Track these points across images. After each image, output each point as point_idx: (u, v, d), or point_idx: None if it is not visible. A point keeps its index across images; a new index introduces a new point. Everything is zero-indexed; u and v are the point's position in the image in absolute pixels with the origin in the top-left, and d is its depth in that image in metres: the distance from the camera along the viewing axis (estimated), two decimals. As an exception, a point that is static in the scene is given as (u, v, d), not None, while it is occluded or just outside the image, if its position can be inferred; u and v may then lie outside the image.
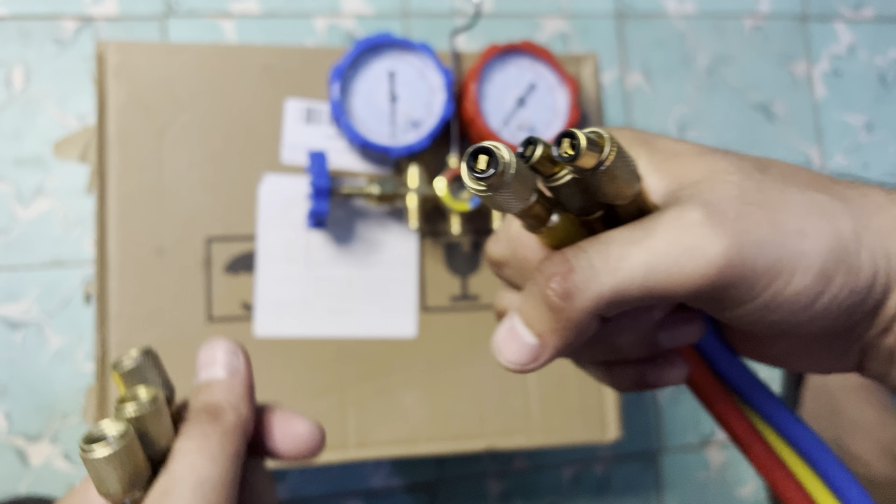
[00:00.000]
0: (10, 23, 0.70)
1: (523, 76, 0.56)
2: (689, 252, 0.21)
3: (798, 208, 0.22)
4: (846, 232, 0.22)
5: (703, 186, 0.22)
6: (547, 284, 0.22)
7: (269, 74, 0.55)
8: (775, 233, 0.21)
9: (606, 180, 0.21)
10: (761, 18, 0.85)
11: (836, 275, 0.22)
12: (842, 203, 0.23)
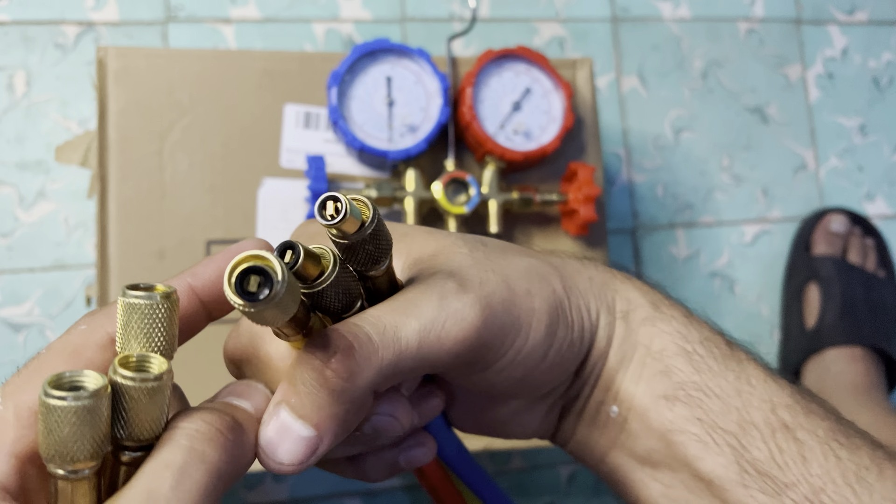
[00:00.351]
0: (12, 28, 0.71)
1: (519, 81, 0.56)
2: (452, 317, 0.23)
3: (522, 272, 0.25)
4: (559, 290, 0.26)
5: (440, 259, 0.25)
6: (327, 366, 0.21)
7: (269, 79, 0.56)
8: (511, 294, 0.24)
9: (371, 243, 0.21)
10: (755, 22, 0.86)
11: (558, 328, 0.25)
12: (551, 267, 0.27)
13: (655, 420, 0.27)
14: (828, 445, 0.25)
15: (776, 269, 0.82)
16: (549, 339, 0.25)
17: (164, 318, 0.20)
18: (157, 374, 0.19)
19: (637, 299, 0.28)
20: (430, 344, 0.23)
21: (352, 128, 0.54)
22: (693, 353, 0.27)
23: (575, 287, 0.27)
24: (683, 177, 0.82)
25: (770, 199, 0.83)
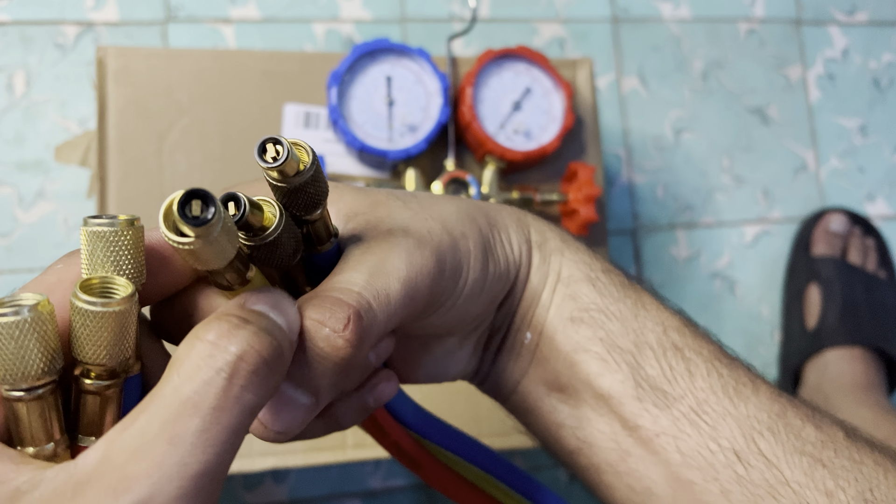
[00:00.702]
0: (11, 28, 0.71)
1: (519, 80, 0.56)
2: (419, 273, 0.24)
3: (455, 217, 0.27)
4: (485, 229, 0.28)
5: (381, 211, 0.26)
6: (338, 335, 0.21)
7: (268, 79, 0.56)
8: (452, 239, 0.26)
9: (312, 185, 0.21)
10: (756, 22, 0.86)
11: (489, 263, 0.27)
12: (475, 208, 0.29)
13: (562, 341, 0.29)
14: (711, 364, 0.28)
15: (777, 270, 0.82)
16: (483, 273, 0.27)
17: (129, 244, 0.19)
18: (119, 298, 0.18)
19: (547, 232, 0.31)
20: (410, 300, 0.24)
21: (352, 127, 0.53)
22: (597, 279, 0.29)
23: (497, 224, 0.29)
24: (684, 177, 0.81)
25: (770, 200, 0.83)
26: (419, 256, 0.24)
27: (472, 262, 0.27)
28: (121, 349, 0.19)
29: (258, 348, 0.18)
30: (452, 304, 0.27)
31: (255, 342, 0.18)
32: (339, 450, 0.54)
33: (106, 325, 0.18)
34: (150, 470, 0.16)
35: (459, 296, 0.27)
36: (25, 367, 0.18)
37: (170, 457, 0.16)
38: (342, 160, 0.56)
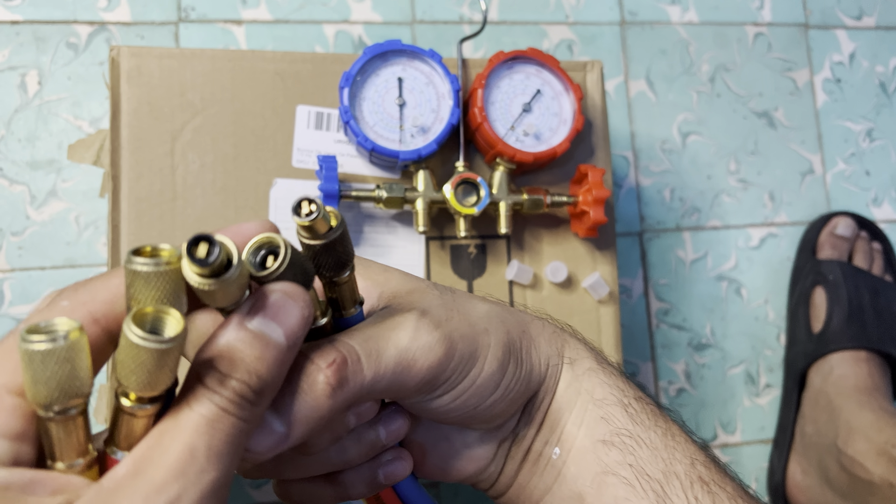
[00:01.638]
0: (24, 27, 0.72)
1: (529, 83, 0.57)
2: (422, 349, 0.26)
3: (482, 315, 0.29)
4: (513, 332, 0.30)
5: (415, 296, 0.28)
6: (321, 372, 0.24)
7: (281, 80, 0.56)
8: (471, 330, 0.28)
9: (340, 244, 0.23)
10: (763, 26, 0.86)
11: (509, 364, 0.29)
12: (508, 313, 0.31)
13: (592, 462, 0.30)
14: (734, 501, 0.29)
15: (783, 273, 0.82)
16: (500, 371, 0.29)
17: (177, 283, 0.20)
18: (173, 335, 0.19)
19: (582, 351, 0.32)
20: (402, 369, 0.26)
21: (363, 128, 0.54)
22: (629, 405, 0.31)
23: (528, 332, 0.31)
24: (691, 180, 0.82)
25: (777, 204, 0.83)
26: (426, 334, 0.26)
27: (489, 357, 0.28)
28: (165, 380, 0.20)
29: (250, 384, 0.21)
30: (464, 391, 0.28)
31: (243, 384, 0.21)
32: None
33: (156, 359, 0.19)
34: (176, 477, 0.19)
35: (472, 384, 0.28)
36: (58, 391, 0.19)
37: (191, 467, 0.19)
38: (353, 161, 0.56)
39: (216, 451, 0.20)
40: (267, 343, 0.21)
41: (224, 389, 0.20)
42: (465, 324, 0.28)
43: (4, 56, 0.71)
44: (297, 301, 0.22)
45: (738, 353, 0.80)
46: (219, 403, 0.20)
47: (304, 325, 0.22)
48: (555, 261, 0.58)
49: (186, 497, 0.19)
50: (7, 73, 0.71)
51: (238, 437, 0.21)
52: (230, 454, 0.20)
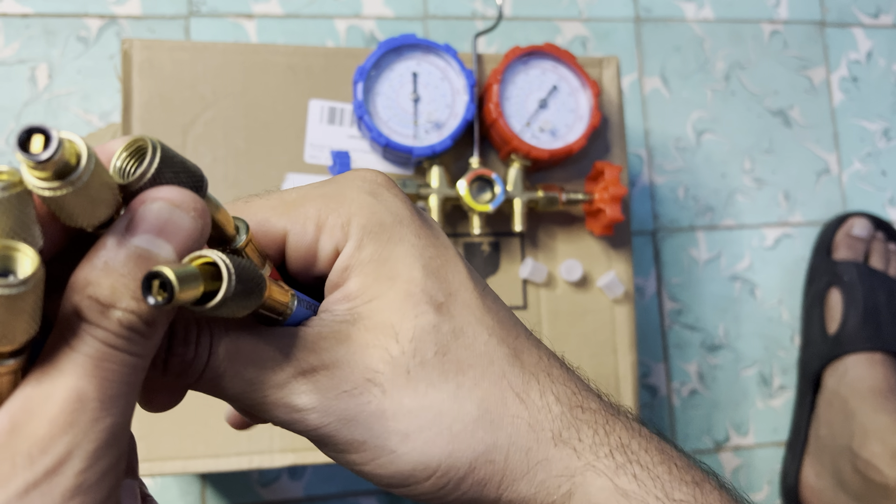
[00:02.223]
0: (34, 20, 0.71)
1: (545, 78, 0.56)
2: (283, 394, 0.22)
3: (424, 412, 0.22)
4: (462, 459, 0.23)
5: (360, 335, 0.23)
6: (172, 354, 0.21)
7: (293, 74, 0.56)
8: (376, 422, 0.22)
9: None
10: (779, 24, 0.85)
11: (421, 482, 0.23)
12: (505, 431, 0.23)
13: None
14: None
15: (797, 274, 0.81)
16: (400, 480, 0.23)
17: (22, 206, 0.16)
18: (23, 278, 0.15)
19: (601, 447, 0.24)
20: (249, 402, 0.22)
21: (377, 124, 0.53)
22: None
23: (494, 462, 0.23)
24: (705, 179, 0.81)
25: (792, 203, 0.82)
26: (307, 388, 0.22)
27: (385, 459, 0.23)
28: (25, 329, 0.16)
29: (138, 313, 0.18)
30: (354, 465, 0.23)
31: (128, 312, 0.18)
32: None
33: (8, 306, 0.15)
34: (64, 429, 0.16)
35: (360, 465, 0.23)
36: None
37: (82, 416, 0.16)
38: (366, 156, 0.56)
39: (109, 393, 0.17)
40: (154, 263, 0.18)
41: (108, 322, 0.17)
42: (374, 414, 0.22)
43: (14, 49, 0.70)
44: (185, 209, 0.18)
45: (752, 354, 0.79)
46: (104, 339, 0.17)
47: (198, 236, 0.18)
48: (569, 259, 0.57)
49: (80, 451, 0.16)
50: (17, 67, 0.70)
51: (133, 376, 0.18)
52: (126, 395, 0.17)
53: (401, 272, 0.23)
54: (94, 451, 0.16)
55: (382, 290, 0.23)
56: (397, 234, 0.24)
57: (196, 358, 0.21)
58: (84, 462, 0.16)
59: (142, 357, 0.18)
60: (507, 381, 0.24)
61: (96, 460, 0.17)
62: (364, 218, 0.24)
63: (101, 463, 0.17)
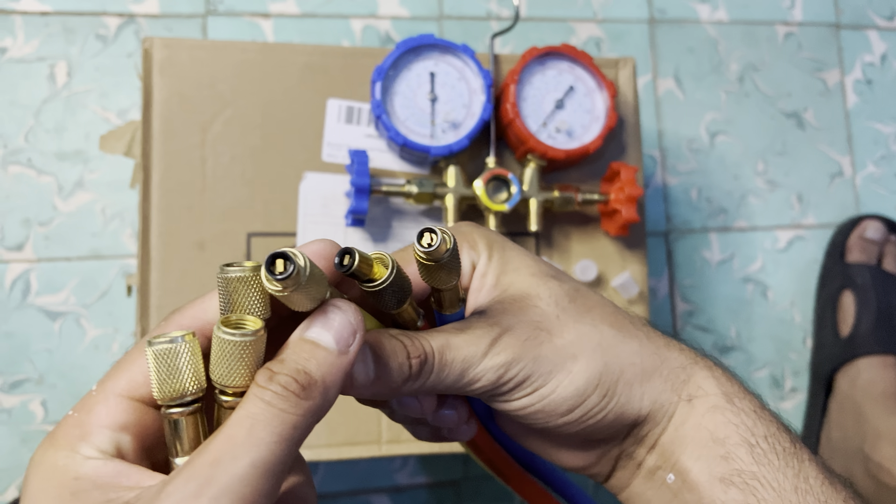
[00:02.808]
0: (54, 18, 0.72)
1: (562, 79, 0.56)
2: (486, 369, 0.28)
3: (580, 336, 0.30)
4: (613, 365, 0.30)
5: (514, 306, 0.30)
6: (407, 359, 0.27)
7: (311, 73, 0.56)
8: (553, 353, 0.29)
9: (444, 269, 0.27)
10: (794, 26, 0.85)
11: (591, 394, 0.29)
12: (623, 341, 0.30)
13: (708, 497, 0.29)
14: None
15: (810, 276, 0.81)
16: (576, 398, 0.29)
17: (260, 288, 0.24)
18: (253, 330, 0.23)
19: (711, 388, 0.31)
20: (463, 384, 0.29)
21: (395, 123, 0.53)
22: (756, 445, 0.29)
23: (637, 365, 0.30)
24: (718, 181, 0.81)
25: (805, 206, 0.82)
26: (494, 357, 0.28)
27: (564, 382, 0.29)
28: (249, 375, 0.23)
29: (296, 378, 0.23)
30: (528, 406, 0.29)
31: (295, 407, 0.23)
32: (373, 445, 0.54)
33: (242, 351, 0.23)
34: (211, 464, 0.21)
35: (539, 401, 0.29)
36: (181, 385, 0.23)
37: (225, 454, 0.21)
38: (383, 156, 0.56)
39: (254, 438, 0.21)
40: (315, 346, 0.24)
41: (271, 384, 0.22)
42: (550, 347, 0.29)
43: (34, 47, 0.71)
44: (346, 312, 0.24)
45: (763, 356, 0.79)
46: (262, 397, 0.22)
47: (350, 331, 0.24)
48: (584, 259, 0.57)
49: (217, 481, 0.21)
50: (36, 64, 0.71)
51: (283, 428, 0.22)
52: (272, 443, 0.22)
53: (520, 265, 0.31)
54: (228, 482, 0.21)
55: (513, 278, 0.31)
56: (507, 245, 0.32)
57: (426, 356, 0.28)
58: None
59: (297, 415, 0.22)
60: (620, 314, 0.32)
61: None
62: (483, 239, 0.32)
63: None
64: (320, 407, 0.23)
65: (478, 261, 0.32)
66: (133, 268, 0.70)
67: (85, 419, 0.23)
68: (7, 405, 0.67)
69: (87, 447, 0.23)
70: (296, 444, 0.22)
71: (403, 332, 0.28)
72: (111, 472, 0.22)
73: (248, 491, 0.21)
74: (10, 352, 0.67)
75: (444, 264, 0.27)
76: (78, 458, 0.22)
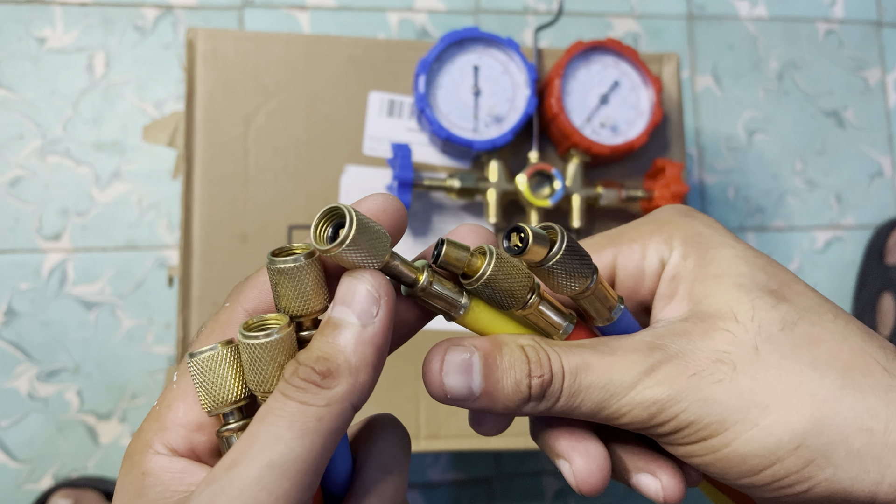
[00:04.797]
0: (93, 9, 0.72)
1: (607, 73, 0.55)
2: (633, 404, 0.23)
3: (780, 381, 0.22)
4: (831, 427, 0.21)
5: (699, 327, 0.23)
6: (528, 378, 0.23)
7: (354, 66, 0.56)
8: (732, 396, 0.22)
9: (550, 276, 0.22)
10: (835, 23, 0.84)
11: (786, 458, 0.22)
12: (860, 389, 0.22)
13: None
14: None
15: (848, 278, 0.80)
16: (762, 458, 0.22)
17: (312, 276, 0.22)
18: (277, 328, 0.21)
19: None
20: (597, 413, 0.23)
21: (438, 117, 0.53)
22: None
23: (872, 431, 0.21)
24: (756, 180, 0.80)
25: (843, 206, 0.81)
26: (645, 390, 0.23)
27: (745, 437, 0.22)
28: (274, 379, 0.22)
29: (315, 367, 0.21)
30: (696, 455, 0.23)
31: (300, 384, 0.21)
32: (412, 440, 0.54)
33: (270, 353, 0.21)
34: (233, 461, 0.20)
35: (711, 453, 0.23)
36: (225, 392, 0.22)
37: (247, 452, 0.20)
38: (424, 150, 0.56)
39: (271, 437, 0.20)
40: (336, 326, 0.21)
41: (293, 378, 0.21)
42: (729, 389, 0.22)
43: (73, 37, 0.71)
44: (363, 281, 0.21)
45: (800, 358, 0.78)
46: (283, 391, 0.21)
47: (371, 299, 0.21)
48: (626, 257, 0.56)
49: (231, 486, 0.20)
50: (75, 55, 0.71)
51: (305, 421, 0.20)
52: (292, 439, 0.20)
53: (726, 269, 0.24)
54: (250, 477, 0.20)
55: (711, 288, 0.24)
56: (716, 240, 0.25)
57: (553, 377, 0.23)
58: None
59: (318, 405, 0.21)
60: (868, 354, 0.23)
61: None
62: (683, 232, 0.25)
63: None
64: (350, 392, 0.21)
65: (668, 259, 0.25)
66: (168, 259, 0.70)
67: (164, 414, 0.23)
68: (43, 394, 0.67)
69: (160, 443, 0.22)
70: (326, 436, 0.20)
71: (535, 342, 0.24)
72: (177, 470, 0.22)
73: (263, 494, 0.19)
74: (47, 341, 0.68)
75: (552, 270, 0.21)
76: (150, 453, 0.22)
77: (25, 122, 0.69)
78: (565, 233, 0.22)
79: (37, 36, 0.70)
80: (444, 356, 0.23)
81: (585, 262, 0.22)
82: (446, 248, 0.22)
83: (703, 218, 0.26)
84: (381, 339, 0.21)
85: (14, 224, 0.68)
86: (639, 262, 0.26)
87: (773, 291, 0.23)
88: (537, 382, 0.23)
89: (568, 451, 0.25)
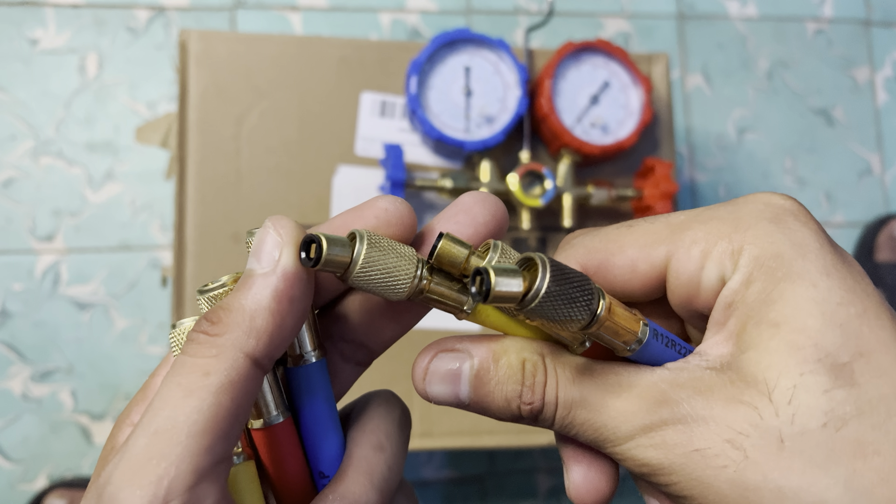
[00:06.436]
0: (85, 10, 0.72)
1: (597, 74, 0.56)
2: (627, 447, 0.20)
3: (799, 497, 0.17)
4: None
5: (726, 391, 0.19)
6: (518, 403, 0.21)
7: (346, 66, 0.56)
8: (732, 489, 0.18)
9: (538, 318, 0.18)
10: (824, 22, 0.84)
11: None
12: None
13: None
14: None
15: (837, 275, 0.81)
16: None
17: None
18: (223, 281, 0.22)
19: None
20: (601, 449, 0.21)
21: (429, 117, 0.53)
22: None
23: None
24: (746, 178, 0.80)
25: (833, 203, 0.82)
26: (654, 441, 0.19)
27: None
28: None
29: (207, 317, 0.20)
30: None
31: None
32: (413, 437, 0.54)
33: None
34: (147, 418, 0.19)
35: None
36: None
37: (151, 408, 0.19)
38: (416, 150, 0.56)
39: (162, 396, 0.18)
40: (245, 277, 0.20)
41: (189, 332, 0.19)
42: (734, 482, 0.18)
43: (65, 38, 0.71)
44: (267, 228, 0.20)
45: (790, 355, 0.79)
46: (182, 350, 0.19)
47: (274, 244, 0.20)
48: (617, 255, 0.57)
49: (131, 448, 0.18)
50: (68, 56, 0.71)
51: (191, 378, 0.18)
52: (180, 397, 0.18)
53: (790, 318, 0.18)
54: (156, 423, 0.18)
55: (762, 338, 0.19)
56: (797, 269, 0.19)
57: (544, 407, 0.21)
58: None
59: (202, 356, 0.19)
60: None
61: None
62: (759, 248, 0.19)
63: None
64: (243, 338, 0.19)
65: (729, 279, 0.20)
66: (162, 259, 0.70)
67: (149, 386, 0.23)
68: (37, 394, 0.67)
69: (138, 413, 0.22)
70: (219, 392, 0.18)
71: (541, 356, 0.21)
72: None
73: (152, 465, 0.17)
74: (40, 342, 0.68)
75: (532, 315, 0.18)
76: (126, 424, 0.22)
77: (18, 123, 0.69)
78: (549, 268, 0.17)
79: (29, 37, 0.70)
80: (429, 364, 0.21)
81: (578, 304, 0.18)
82: (438, 253, 0.20)
83: (795, 233, 0.19)
84: (283, 283, 0.19)
85: (7, 225, 0.68)
86: (694, 272, 0.21)
87: (838, 367, 0.18)
88: (527, 409, 0.21)
89: (569, 459, 0.22)
